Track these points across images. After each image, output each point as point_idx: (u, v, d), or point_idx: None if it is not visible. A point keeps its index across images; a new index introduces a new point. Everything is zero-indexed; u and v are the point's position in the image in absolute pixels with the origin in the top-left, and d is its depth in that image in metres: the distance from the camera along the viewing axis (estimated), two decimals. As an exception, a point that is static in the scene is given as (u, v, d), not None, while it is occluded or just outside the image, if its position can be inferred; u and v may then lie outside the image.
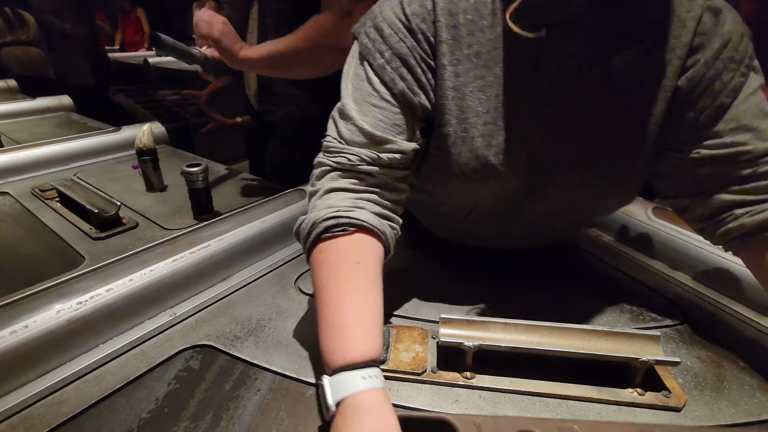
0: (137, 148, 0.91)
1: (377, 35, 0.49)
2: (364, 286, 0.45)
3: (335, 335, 0.41)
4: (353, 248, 0.46)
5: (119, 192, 0.93)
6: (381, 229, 0.48)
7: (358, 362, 0.39)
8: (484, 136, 0.49)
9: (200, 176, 0.79)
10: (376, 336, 0.42)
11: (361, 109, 0.49)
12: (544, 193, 0.54)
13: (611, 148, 0.50)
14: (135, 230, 0.77)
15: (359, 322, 0.42)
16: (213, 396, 0.45)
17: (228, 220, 0.70)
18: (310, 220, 0.48)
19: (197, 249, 0.62)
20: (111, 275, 0.55)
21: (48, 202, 0.86)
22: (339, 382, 0.38)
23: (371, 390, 0.37)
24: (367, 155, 0.48)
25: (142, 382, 0.47)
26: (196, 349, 0.51)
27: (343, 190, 0.49)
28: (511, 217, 0.59)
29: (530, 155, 0.50)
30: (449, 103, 0.49)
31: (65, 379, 0.46)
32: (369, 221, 0.47)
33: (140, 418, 0.42)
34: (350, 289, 0.44)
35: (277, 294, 0.61)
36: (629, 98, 0.48)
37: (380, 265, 0.48)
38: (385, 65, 0.48)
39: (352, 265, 0.45)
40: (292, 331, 0.54)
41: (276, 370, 0.48)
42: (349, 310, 0.43)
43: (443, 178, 0.55)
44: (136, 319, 0.54)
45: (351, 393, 0.37)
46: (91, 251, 0.70)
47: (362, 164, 0.48)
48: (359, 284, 0.45)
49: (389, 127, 0.49)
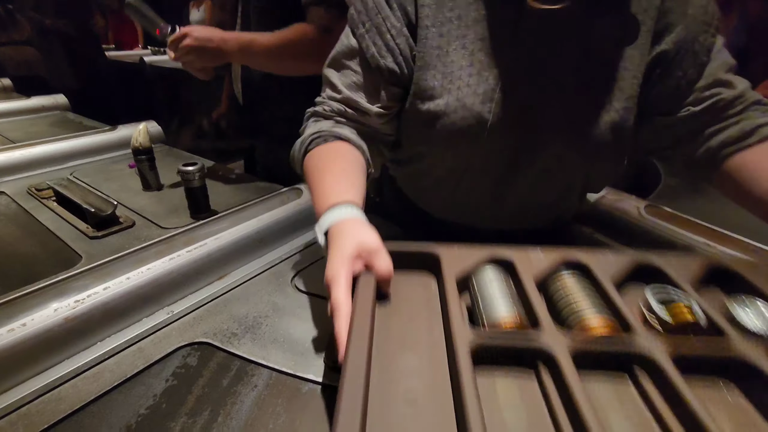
0: (133, 147, 0.91)
1: (362, 7, 0.56)
2: (343, 163, 0.52)
3: (320, 195, 0.48)
4: (336, 148, 0.54)
5: (116, 191, 0.93)
6: (359, 143, 0.56)
7: (338, 202, 0.45)
8: (469, 86, 0.53)
9: (197, 175, 0.80)
10: (355, 190, 0.48)
11: (341, 72, 0.58)
12: (533, 154, 0.57)
13: (595, 105, 0.53)
14: (132, 229, 0.78)
15: (338, 180, 0.49)
16: (210, 392, 0.45)
17: (224, 219, 0.70)
18: (298, 143, 0.58)
19: (194, 247, 0.62)
20: (108, 274, 0.55)
21: (44, 201, 0.86)
22: (323, 221, 0.44)
23: (351, 218, 0.43)
24: (338, 108, 0.58)
25: (140, 379, 0.47)
26: (194, 346, 0.52)
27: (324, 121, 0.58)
28: (504, 184, 0.61)
29: (517, 106, 0.54)
30: (434, 60, 0.54)
31: (63, 377, 0.46)
32: (348, 135, 0.56)
33: (138, 414, 0.43)
34: (331, 167, 0.51)
35: (273, 292, 0.62)
36: (608, 57, 0.52)
37: (361, 165, 0.54)
38: (365, 34, 0.55)
39: (336, 156, 0.53)
40: (288, 328, 0.54)
41: (273, 366, 0.48)
42: (330, 176, 0.50)
43: (435, 137, 0.57)
44: (133, 317, 0.55)
45: (333, 222, 0.43)
46: (88, 250, 0.70)
47: (336, 116, 0.58)
48: (338, 162, 0.52)
49: (360, 90, 0.57)
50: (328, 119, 0.58)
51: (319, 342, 0.52)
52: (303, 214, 0.77)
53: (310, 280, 0.64)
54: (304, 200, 0.79)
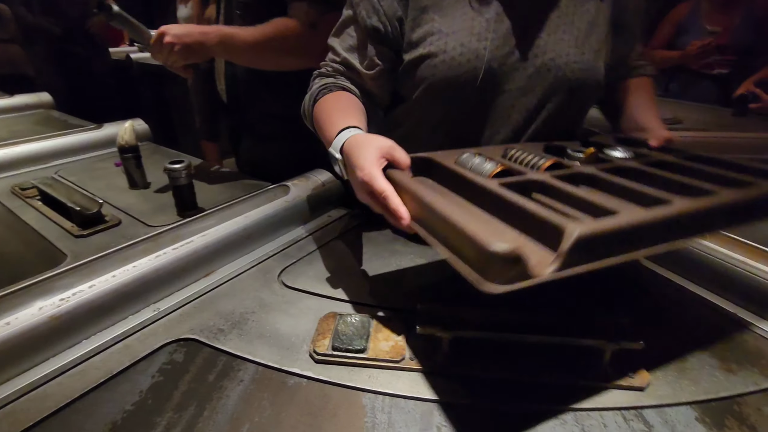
0: (119, 145, 0.90)
1: None
2: (347, 103, 0.63)
3: (329, 126, 0.58)
4: (340, 95, 0.65)
5: (102, 190, 0.92)
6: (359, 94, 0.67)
7: (347, 126, 0.55)
8: (464, 28, 0.62)
9: (183, 173, 0.80)
10: (359, 119, 0.59)
11: (340, 37, 0.68)
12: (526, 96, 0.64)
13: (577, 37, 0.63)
14: (118, 228, 0.77)
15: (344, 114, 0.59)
16: (197, 387, 0.46)
17: (211, 216, 0.71)
18: (308, 97, 0.68)
19: (180, 245, 0.63)
20: (93, 272, 0.55)
21: (29, 200, 0.85)
22: (338, 141, 0.54)
23: (361, 133, 0.54)
24: (338, 69, 0.69)
25: (126, 376, 0.47)
26: (180, 342, 0.52)
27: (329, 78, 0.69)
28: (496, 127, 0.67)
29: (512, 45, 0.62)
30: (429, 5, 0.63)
31: (48, 375, 0.47)
32: (351, 87, 0.67)
33: (124, 410, 0.43)
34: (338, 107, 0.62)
35: (260, 288, 0.62)
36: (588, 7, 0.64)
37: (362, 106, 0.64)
38: (360, 2, 0.65)
39: (340, 99, 0.64)
40: (275, 323, 0.55)
41: (259, 361, 0.49)
42: (336, 113, 0.60)
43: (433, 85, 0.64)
44: (119, 315, 0.55)
45: (346, 139, 0.53)
46: (73, 249, 0.70)
47: (336, 74, 0.69)
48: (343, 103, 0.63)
49: (355, 51, 0.67)
50: (331, 77, 0.69)
51: (306, 336, 0.52)
52: (290, 211, 0.78)
53: (298, 276, 0.65)
54: (291, 197, 0.79)
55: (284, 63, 0.85)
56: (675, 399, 0.44)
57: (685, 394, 0.45)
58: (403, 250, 0.72)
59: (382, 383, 0.46)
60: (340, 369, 0.48)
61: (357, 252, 0.70)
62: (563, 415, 0.43)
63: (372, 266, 0.66)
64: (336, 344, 0.49)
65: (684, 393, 0.45)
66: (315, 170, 0.89)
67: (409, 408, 0.44)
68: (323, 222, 0.81)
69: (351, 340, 0.50)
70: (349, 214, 0.84)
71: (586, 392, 0.45)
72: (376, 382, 0.46)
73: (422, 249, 0.72)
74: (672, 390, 0.45)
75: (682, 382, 0.46)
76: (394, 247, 0.73)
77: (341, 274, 0.65)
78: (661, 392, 0.45)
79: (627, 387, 0.45)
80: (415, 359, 0.48)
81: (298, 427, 0.41)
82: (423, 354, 0.49)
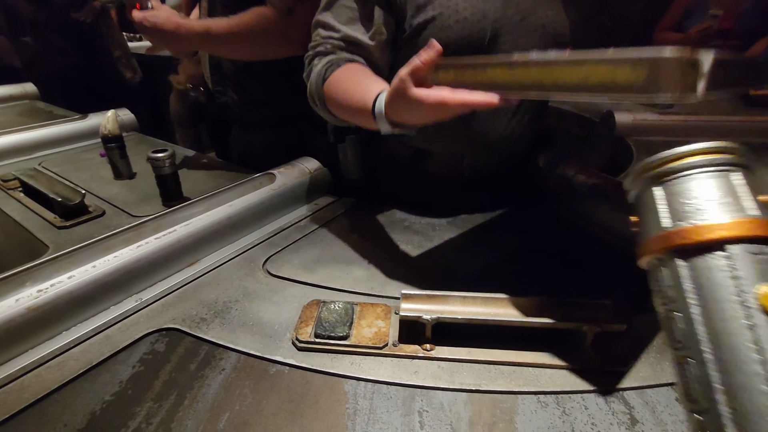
0: (102, 135, 0.89)
1: None
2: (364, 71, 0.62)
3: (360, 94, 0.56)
4: (351, 66, 0.62)
5: (86, 180, 0.91)
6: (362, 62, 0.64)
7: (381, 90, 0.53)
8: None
9: (167, 162, 0.78)
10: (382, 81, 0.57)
11: (333, 11, 0.65)
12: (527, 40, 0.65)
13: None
14: (101, 218, 0.76)
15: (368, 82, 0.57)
16: (177, 377, 0.45)
17: (195, 205, 0.70)
18: (314, 77, 0.64)
19: (163, 234, 0.62)
20: (73, 263, 0.55)
21: (10, 192, 0.84)
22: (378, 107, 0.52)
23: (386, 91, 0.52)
24: (338, 45, 0.64)
25: (106, 367, 0.47)
26: (162, 332, 0.52)
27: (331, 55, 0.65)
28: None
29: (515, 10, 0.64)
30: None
31: (26, 367, 0.46)
32: (357, 59, 0.64)
33: (103, 401, 0.43)
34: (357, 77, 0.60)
35: (244, 276, 0.62)
36: None
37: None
38: None
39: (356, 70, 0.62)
40: (258, 311, 0.55)
41: (241, 349, 0.49)
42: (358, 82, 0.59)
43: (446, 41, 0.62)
44: (100, 306, 0.54)
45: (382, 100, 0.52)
46: (55, 240, 0.69)
47: (337, 50, 0.64)
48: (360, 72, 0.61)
49: (357, 22, 0.64)
50: (331, 54, 0.64)
51: (289, 324, 0.52)
52: (276, 200, 0.77)
53: (282, 264, 0.64)
54: (277, 185, 0.78)
55: (264, 52, 0.83)
56: (656, 380, 0.44)
57: (665, 375, 0.45)
58: (388, 238, 0.72)
59: (365, 370, 0.46)
60: (322, 356, 0.48)
61: (354, 238, 0.70)
62: (545, 397, 0.43)
63: (356, 254, 0.66)
64: (319, 331, 0.49)
65: (665, 374, 0.45)
66: (302, 158, 0.88)
67: (391, 394, 0.43)
68: (310, 210, 0.81)
69: (334, 327, 0.50)
70: (336, 202, 0.84)
71: (567, 375, 0.45)
72: (358, 369, 0.46)
73: (407, 236, 0.71)
74: (653, 371, 0.45)
75: (663, 363, 0.46)
76: (379, 234, 0.72)
77: (326, 261, 0.65)
78: (643, 374, 0.45)
79: (608, 369, 0.45)
80: (398, 345, 0.48)
81: (279, 415, 0.41)
82: (406, 339, 0.49)
